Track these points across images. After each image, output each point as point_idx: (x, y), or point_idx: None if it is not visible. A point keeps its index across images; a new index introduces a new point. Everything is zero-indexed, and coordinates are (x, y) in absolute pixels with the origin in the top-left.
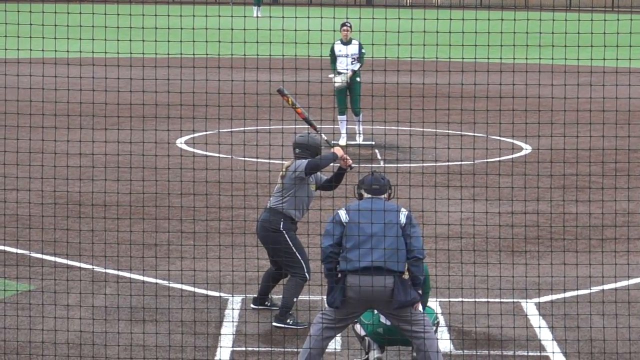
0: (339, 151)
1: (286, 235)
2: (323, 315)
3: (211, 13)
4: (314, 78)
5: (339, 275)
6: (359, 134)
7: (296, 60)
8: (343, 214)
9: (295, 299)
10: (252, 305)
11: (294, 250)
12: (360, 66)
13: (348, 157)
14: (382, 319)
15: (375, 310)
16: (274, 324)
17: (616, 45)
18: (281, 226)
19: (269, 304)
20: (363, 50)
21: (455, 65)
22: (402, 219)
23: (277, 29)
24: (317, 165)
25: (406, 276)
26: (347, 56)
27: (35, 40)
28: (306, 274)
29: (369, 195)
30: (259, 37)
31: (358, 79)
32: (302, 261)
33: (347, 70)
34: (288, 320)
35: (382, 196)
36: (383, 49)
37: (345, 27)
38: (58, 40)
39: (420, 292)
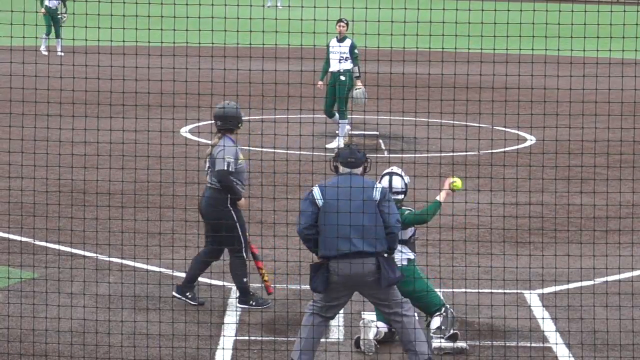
0: (242, 204)
1: (232, 212)
2: (312, 305)
3: (217, 2)
4: (319, 67)
5: (320, 260)
6: (339, 136)
7: (302, 49)
8: (317, 194)
9: (245, 279)
10: (174, 293)
11: (237, 226)
12: (354, 67)
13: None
14: None
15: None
16: (238, 305)
17: (622, 36)
18: (229, 202)
19: (190, 296)
20: (356, 51)
21: (461, 56)
22: (377, 194)
23: (284, 18)
24: (229, 188)
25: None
26: (339, 53)
27: (41, 28)
28: (244, 253)
29: (346, 169)
30: (265, 26)
31: (343, 77)
32: (242, 238)
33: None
34: (251, 302)
35: (358, 169)
36: (389, 38)
37: (341, 23)
38: (63, 29)
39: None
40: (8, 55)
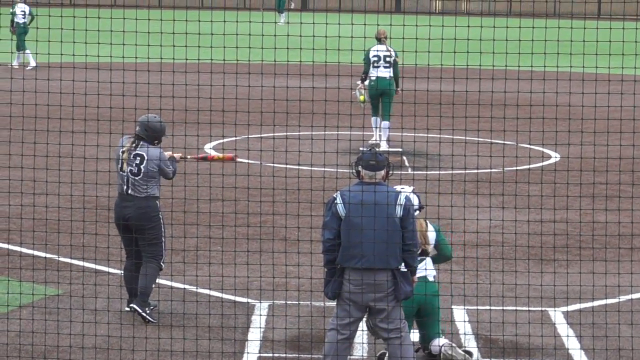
0: (177, 156)
1: (162, 221)
2: (331, 322)
3: (242, 19)
4: (343, 84)
5: (339, 266)
6: (383, 140)
7: (326, 66)
8: (340, 208)
9: (153, 285)
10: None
11: (163, 237)
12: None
13: (181, 154)
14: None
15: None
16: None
17: None
18: (159, 210)
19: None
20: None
21: (486, 73)
22: (399, 211)
23: (308, 35)
24: (168, 175)
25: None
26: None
27: (66, 44)
28: (162, 263)
29: (369, 173)
30: (289, 43)
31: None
32: (163, 250)
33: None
34: (149, 307)
35: (380, 174)
36: (413, 55)
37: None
38: (88, 45)
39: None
40: (32, 72)
